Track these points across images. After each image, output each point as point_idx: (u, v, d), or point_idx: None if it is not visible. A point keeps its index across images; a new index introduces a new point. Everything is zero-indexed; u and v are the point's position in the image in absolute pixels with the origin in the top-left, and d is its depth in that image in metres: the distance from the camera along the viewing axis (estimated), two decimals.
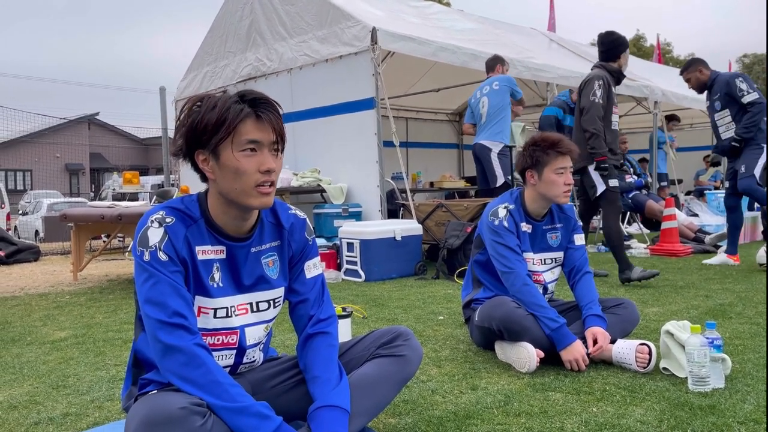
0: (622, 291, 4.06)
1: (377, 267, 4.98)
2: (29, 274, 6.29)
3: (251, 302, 1.56)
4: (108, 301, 4.39)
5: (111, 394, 2.25)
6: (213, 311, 1.49)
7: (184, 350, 1.37)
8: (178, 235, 1.44)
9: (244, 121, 1.39)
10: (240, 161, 1.40)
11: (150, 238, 1.42)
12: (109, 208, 5.15)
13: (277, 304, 1.61)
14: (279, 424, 1.37)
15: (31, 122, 14.13)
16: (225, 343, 1.52)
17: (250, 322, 1.56)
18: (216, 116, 1.39)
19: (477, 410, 1.95)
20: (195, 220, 1.48)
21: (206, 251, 1.48)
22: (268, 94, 1.46)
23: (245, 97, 1.42)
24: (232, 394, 1.36)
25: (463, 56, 6.53)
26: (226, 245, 1.51)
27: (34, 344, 3.12)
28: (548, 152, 2.49)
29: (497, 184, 5.75)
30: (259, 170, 1.41)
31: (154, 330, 1.39)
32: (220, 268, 1.50)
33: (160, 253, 1.41)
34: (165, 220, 1.45)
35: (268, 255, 1.57)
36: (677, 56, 38.76)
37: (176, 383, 1.37)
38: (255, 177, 1.40)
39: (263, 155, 1.41)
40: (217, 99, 1.42)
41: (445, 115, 11.43)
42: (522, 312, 2.40)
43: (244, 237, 1.53)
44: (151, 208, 1.54)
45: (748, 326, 2.94)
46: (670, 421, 1.80)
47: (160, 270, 1.40)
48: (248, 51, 7.39)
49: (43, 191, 19.71)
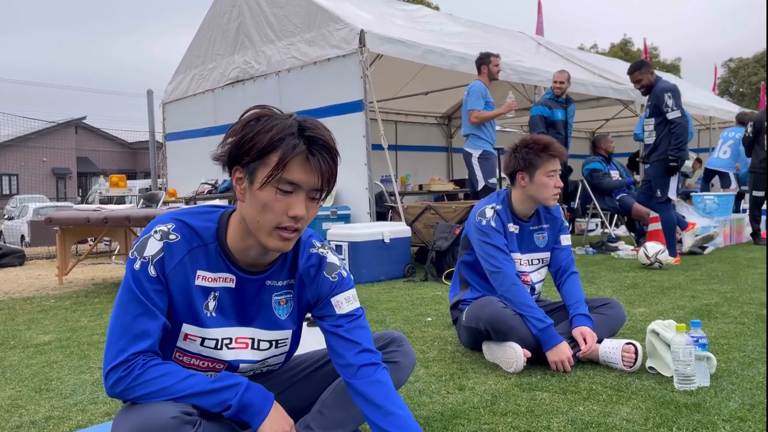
0: (609, 291, 4.08)
1: (366, 269, 4.97)
2: (14, 279, 6.21)
3: (253, 338, 1.46)
4: (93, 304, 4.35)
5: (95, 397, 2.22)
6: (201, 339, 1.40)
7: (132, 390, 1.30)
8: (174, 255, 1.34)
9: (294, 159, 1.27)
10: (271, 197, 1.28)
11: (147, 248, 1.34)
12: (95, 212, 5.11)
13: (281, 346, 1.50)
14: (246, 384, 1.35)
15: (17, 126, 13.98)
16: (210, 368, 1.45)
17: (246, 359, 1.46)
18: (266, 141, 1.26)
19: (464, 410, 1.94)
20: (205, 243, 1.38)
21: (208, 278, 1.38)
22: (255, 97, 1.35)
23: (305, 131, 1.29)
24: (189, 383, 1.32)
25: (452, 59, 6.54)
26: (236, 275, 1.41)
27: (18, 348, 3.09)
28: (540, 155, 2.49)
29: (479, 188, 5.78)
30: (288, 213, 1.28)
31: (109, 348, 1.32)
32: (219, 298, 1.40)
33: (150, 267, 1.33)
34: (169, 236, 1.35)
35: (281, 293, 1.47)
36: (664, 60, 39.11)
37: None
38: (280, 219, 1.29)
39: (297, 199, 1.29)
40: (275, 123, 1.29)
41: (434, 119, 11.45)
42: (509, 312, 2.40)
43: (259, 270, 1.43)
44: (166, 212, 1.45)
45: (734, 326, 2.96)
46: (655, 419, 1.81)
47: (143, 284, 1.32)
48: (236, 53, 7.37)
49: (29, 196, 19.51)
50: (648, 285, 4.30)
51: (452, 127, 11.65)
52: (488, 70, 5.85)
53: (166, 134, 8.88)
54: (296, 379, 1.64)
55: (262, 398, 1.36)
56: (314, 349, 1.74)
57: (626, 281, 4.50)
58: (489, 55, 5.88)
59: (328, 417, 1.52)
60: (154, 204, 7.96)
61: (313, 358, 1.68)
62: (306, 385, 1.64)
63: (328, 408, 1.54)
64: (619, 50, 37.54)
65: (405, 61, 6.36)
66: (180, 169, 8.51)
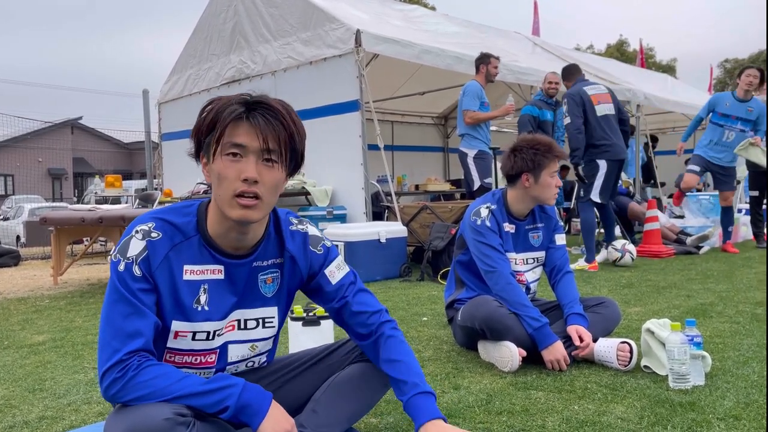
0: (604, 291, 4.08)
1: (362, 269, 4.95)
2: (8, 279, 6.19)
3: (239, 319, 1.48)
4: (88, 305, 4.33)
5: (88, 397, 2.21)
6: (192, 334, 1.41)
7: (127, 393, 1.29)
8: (158, 253, 1.35)
9: (234, 124, 1.30)
10: (223, 165, 1.31)
11: (130, 249, 1.34)
12: (90, 211, 5.09)
13: (268, 325, 1.52)
14: (243, 384, 1.34)
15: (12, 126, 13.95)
16: (203, 363, 1.45)
17: (234, 339, 1.48)
18: (212, 116, 1.32)
19: (459, 409, 1.94)
20: (187, 236, 1.39)
21: (196, 271, 1.39)
22: None
23: (248, 101, 1.34)
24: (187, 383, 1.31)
25: (448, 59, 6.54)
26: (224, 264, 1.42)
27: (11, 348, 3.07)
28: (546, 155, 2.50)
29: (474, 188, 5.78)
30: (240, 178, 1.30)
31: (103, 350, 1.32)
32: (209, 290, 1.41)
33: (135, 267, 1.33)
34: (150, 234, 1.36)
35: (268, 272, 1.49)
36: (660, 61, 39.22)
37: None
38: (235, 185, 1.30)
39: (247, 161, 1.30)
40: (222, 100, 1.35)
41: (430, 119, 11.46)
42: (504, 311, 2.40)
43: (245, 253, 1.44)
44: (144, 212, 1.46)
45: (729, 325, 2.97)
46: (650, 418, 1.81)
47: (129, 284, 1.33)
48: (232, 53, 7.36)
49: (24, 196, 19.46)
50: (643, 284, 4.30)
51: (448, 127, 11.66)
52: (487, 70, 5.84)
53: (161, 134, 8.86)
54: (290, 376, 1.63)
55: (260, 398, 1.34)
56: (309, 348, 1.73)
57: (621, 281, 4.50)
58: (489, 56, 5.89)
59: (321, 416, 1.51)
60: (150, 204, 7.93)
61: (306, 356, 1.67)
62: (300, 384, 1.63)
63: (322, 406, 1.53)
64: (615, 51, 37.61)
65: (401, 61, 6.37)
66: (176, 169, 8.49)
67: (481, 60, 5.88)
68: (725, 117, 6.03)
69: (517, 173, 2.55)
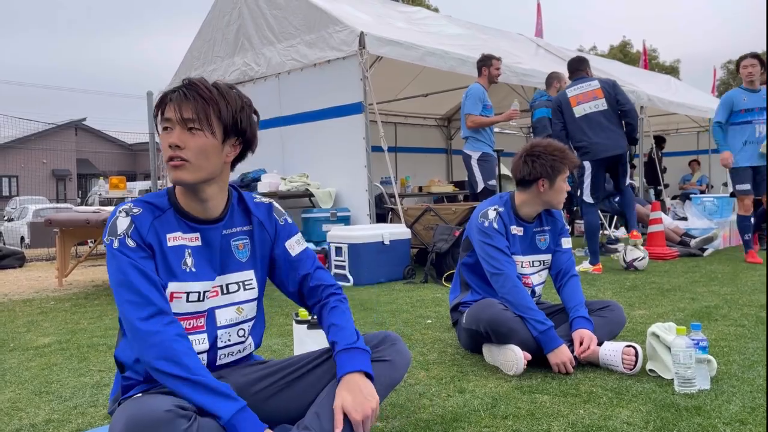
0: (608, 293, 4.08)
1: (366, 271, 4.97)
2: (13, 280, 6.21)
3: (221, 284, 1.60)
4: (93, 306, 4.34)
5: (94, 400, 2.22)
6: (186, 295, 1.53)
7: (160, 344, 1.40)
8: (143, 223, 1.50)
9: (166, 104, 1.50)
10: (160, 139, 1.52)
11: (118, 227, 1.48)
12: (95, 213, 5.11)
13: (248, 287, 1.65)
14: (243, 406, 1.41)
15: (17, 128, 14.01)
16: (195, 326, 1.55)
17: (220, 304, 1.60)
18: (157, 102, 1.52)
19: (464, 413, 1.94)
20: (163, 210, 1.54)
21: (177, 237, 1.53)
22: (256, 99, 1.50)
23: (181, 84, 1.52)
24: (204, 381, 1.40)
25: (451, 61, 6.54)
26: (199, 230, 1.56)
27: (17, 350, 3.08)
28: (564, 162, 2.53)
29: (478, 190, 5.78)
30: (169, 146, 1.48)
31: (127, 312, 1.43)
32: (193, 254, 1.55)
33: (128, 239, 1.47)
34: (132, 210, 1.51)
35: (238, 238, 1.63)
36: (663, 62, 39.13)
37: (150, 372, 1.43)
38: (167, 153, 1.49)
39: (173, 131, 1.48)
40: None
41: (433, 120, 11.45)
42: (509, 314, 2.40)
43: (215, 219, 1.59)
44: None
45: (734, 328, 2.96)
46: (656, 423, 1.81)
47: (128, 255, 1.46)
48: (236, 55, 7.37)
49: (29, 197, 19.50)
50: (648, 287, 4.30)
51: (452, 129, 11.65)
52: (489, 72, 5.83)
53: None
54: (292, 378, 1.64)
55: (252, 429, 1.39)
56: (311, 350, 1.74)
57: (626, 283, 4.49)
58: (491, 58, 5.86)
59: (325, 419, 1.52)
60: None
61: (307, 359, 1.68)
62: (302, 386, 1.63)
63: (326, 410, 1.53)
64: (618, 52, 37.54)
65: (404, 63, 6.36)
66: None
67: (483, 62, 5.88)
68: (749, 112, 5.56)
69: (534, 178, 2.55)
